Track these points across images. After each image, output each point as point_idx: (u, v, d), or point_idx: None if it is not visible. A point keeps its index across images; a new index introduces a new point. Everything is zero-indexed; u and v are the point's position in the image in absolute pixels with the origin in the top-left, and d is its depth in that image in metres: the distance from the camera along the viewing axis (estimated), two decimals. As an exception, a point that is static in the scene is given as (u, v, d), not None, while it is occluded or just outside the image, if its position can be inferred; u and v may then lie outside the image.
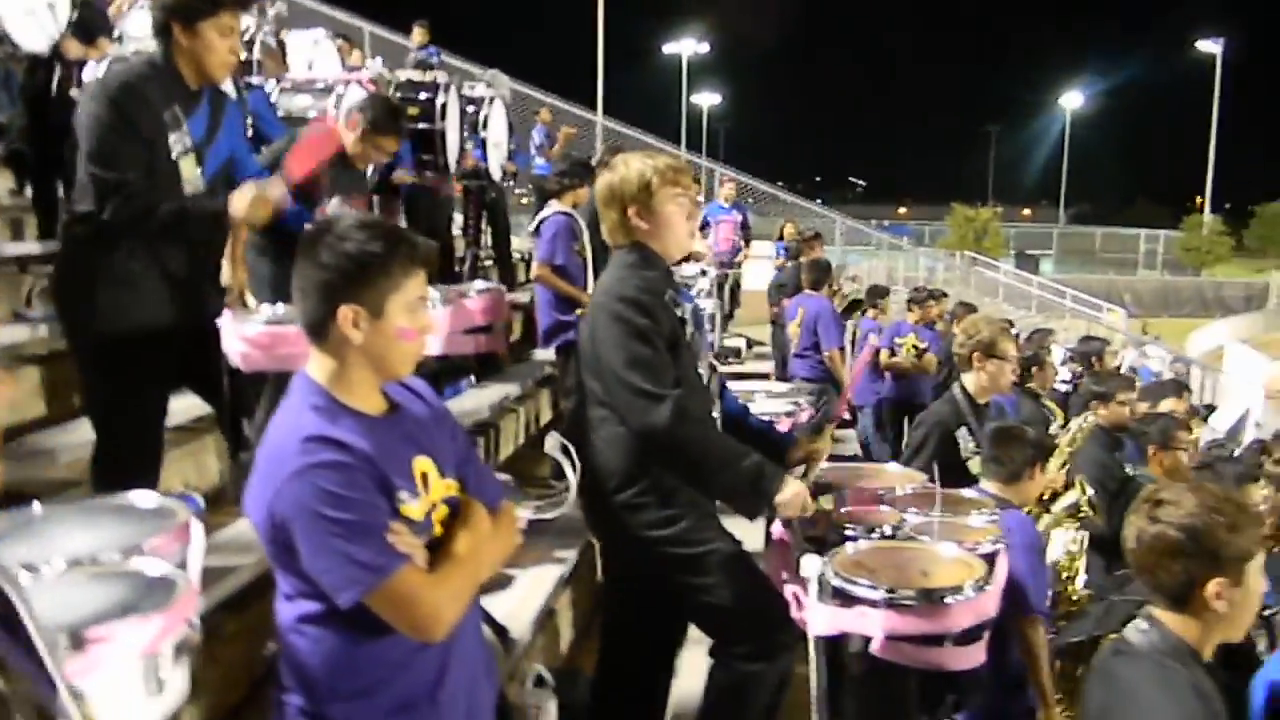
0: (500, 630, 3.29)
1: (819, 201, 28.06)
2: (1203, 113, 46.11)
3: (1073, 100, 61.80)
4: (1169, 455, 4.97)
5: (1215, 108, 44.65)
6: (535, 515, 3.24)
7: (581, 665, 3.72)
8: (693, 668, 3.22)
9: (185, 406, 3.55)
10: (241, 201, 2.94)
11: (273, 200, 3.02)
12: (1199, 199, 48.55)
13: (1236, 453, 6.72)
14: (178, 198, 2.94)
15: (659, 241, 2.87)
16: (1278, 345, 24.86)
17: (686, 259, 4.83)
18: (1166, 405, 6.53)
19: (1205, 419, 7.46)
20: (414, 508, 1.81)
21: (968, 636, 2.48)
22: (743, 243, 11.10)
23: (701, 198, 9.16)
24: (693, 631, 3.09)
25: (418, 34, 11.54)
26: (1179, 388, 6.96)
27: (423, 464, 1.88)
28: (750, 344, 11.30)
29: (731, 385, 3.64)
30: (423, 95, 6.79)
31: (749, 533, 3.28)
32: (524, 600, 3.74)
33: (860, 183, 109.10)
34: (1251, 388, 14.05)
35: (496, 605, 3.55)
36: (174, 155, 2.92)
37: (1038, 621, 3.25)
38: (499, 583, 3.75)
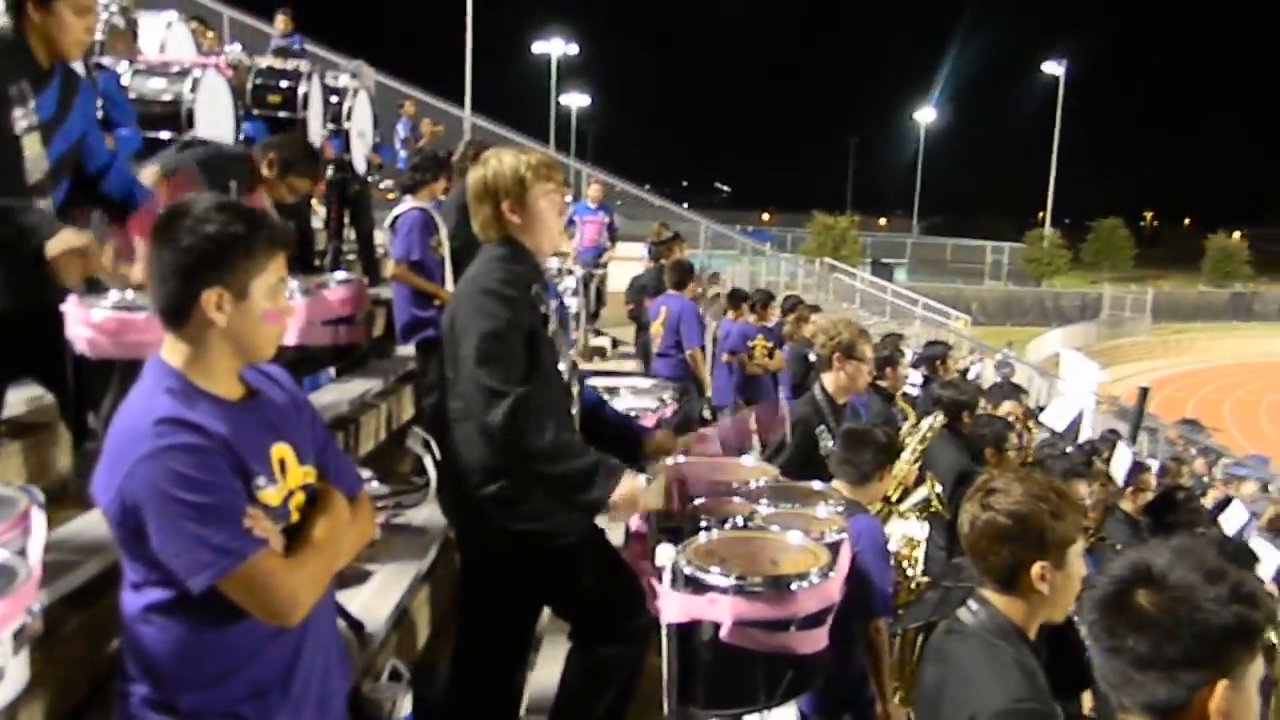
0: (355, 624, 3.26)
1: (685, 206, 28.45)
2: (1046, 131, 48.71)
3: (927, 115, 64.37)
4: (1001, 456, 5.26)
5: (1057, 127, 47.19)
6: (395, 507, 3.22)
7: (439, 661, 3.72)
8: (550, 656, 3.26)
9: (26, 396, 3.41)
10: (58, 247, 2.69)
11: (90, 269, 2.78)
12: (1041, 213, 51.22)
13: (1068, 450, 7.15)
14: (13, 179, 2.81)
15: (530, 236, 2.90)
16: (1109, 353, 26.47)
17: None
18: (1006, 408, 6.93)
19: (1037, 420, 7.94)
20: (271, 493, 1.80)
21: (813, 621, 2.59)
22: (609, 243, 11.20)
23: (569, 198, 9.23)
24: (552, 620, 3.14)
25: (281, 21, 11.25)
26: (1015, 391, 7.36)
27: (281, 450, 1.87)
28: (615, 344, 11.42)
29: (596, 381, 3.70)
30: (284, 83, 6.65)
31: (613, 525, 3.35)
32: (381, 596, 3.71)
33: (725, 189, 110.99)
34: (1085, 393, 14.93)
35: (353, 601, 3.52)
36: (17, 131, 2.80)
37: (881, 626, 3.44)
38: (356, 578, 3.71)
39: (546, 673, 3.25)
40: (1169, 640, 1.53)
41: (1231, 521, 7.62)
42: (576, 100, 55.56)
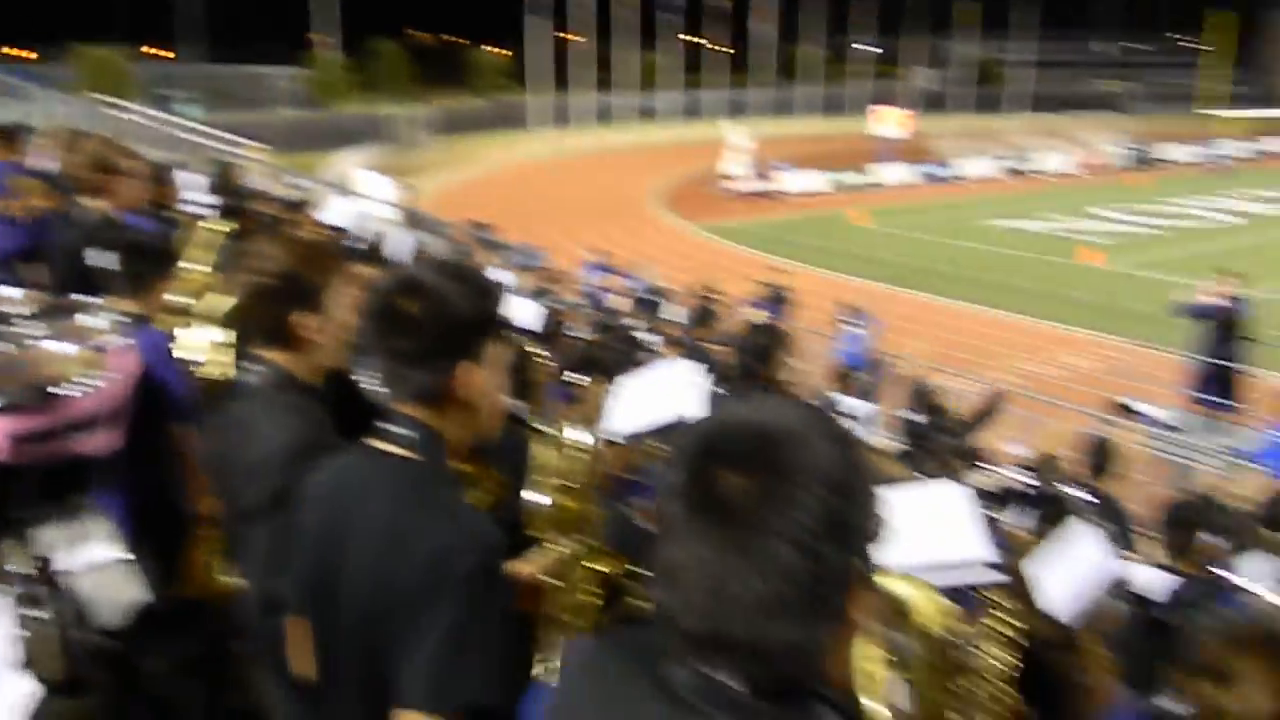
0: None
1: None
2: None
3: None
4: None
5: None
6: None
7: None
8: None
9: None
10: None
11: None
12: (318, 35, 50.80)
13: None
14: None
15: None
16: (400, 170, 27.86)
17: None
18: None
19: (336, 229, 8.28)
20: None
21: (92, 423, 2.56)
22: None
23: None
24: None
25: None
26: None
27: None
28: None
29: None
30: None
31: None
32: None
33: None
34: (381, 206, 15.74)
35: None
36: None
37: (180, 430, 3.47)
38: None
39: None
40: (427, 336, 1.79)
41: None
42: None
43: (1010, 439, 10.46)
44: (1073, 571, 2.28)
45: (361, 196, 15.17)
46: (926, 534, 1.63)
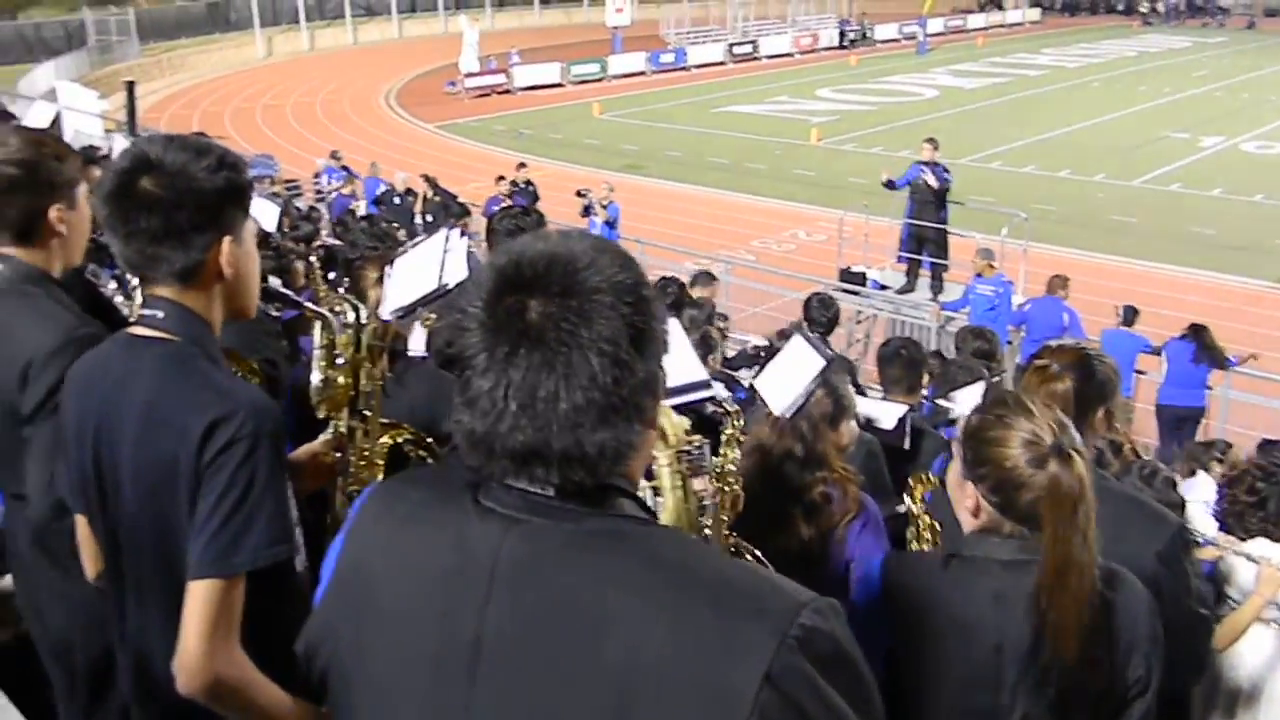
0: None
1: None
2: None
3: None
4: None
5: None
6: None
7: None
8: None
9: None
10: None
11: None
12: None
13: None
14: None
15: None
16: (105, 81, 25.46)
17: None
18: None
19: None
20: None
21: None
22: None
23: None
24: None
25: None
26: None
27: None
28: None
29: None
30: None
31: None
32: None
33: None
34: (89, 119, 14.45)
35: None
36: None
37: None
38: None
39: None
40: (176, 211, 1.74)
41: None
42: None
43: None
44: (789, 374, 2.58)
45: (74, 110, 13.88)
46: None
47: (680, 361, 1.83)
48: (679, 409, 1.83)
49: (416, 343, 2.76)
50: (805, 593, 1.07)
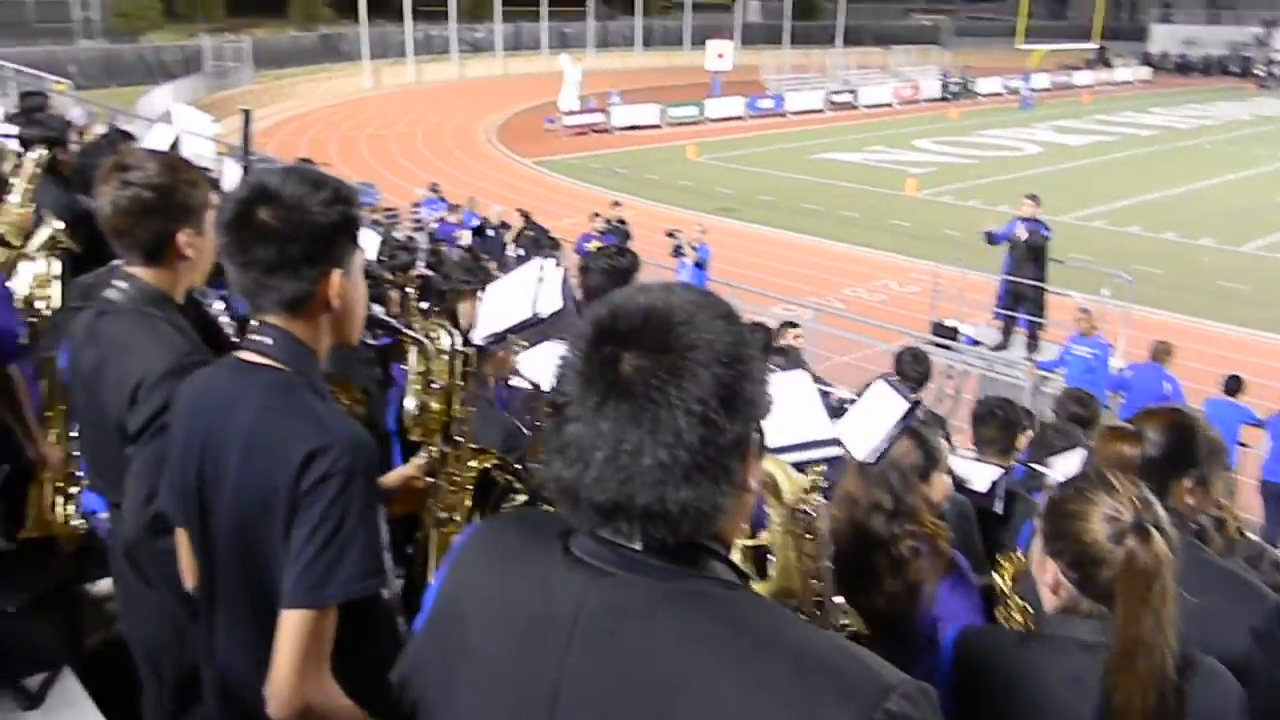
0: None
1: None
2: None
3: None
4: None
5: None
6: None
7: None
8: None
9: None
10: None
11: None
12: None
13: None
14: None
15: None
16: (219, 105, 26.46)
17: None
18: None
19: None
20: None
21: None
22: None
23: None
24: None
25: None
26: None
27: None
28: None
29: None
30: None
31: None
32: None
33: None
34: (202, 140, 15.01)
35: None
36: None
37: (14, 371, 3.36)
38: None
39: None
40: (290, 244, 1.78)
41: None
42: None
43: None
44: (872, 419, 2.52)
45: (189, 133, 14.45)
46: (781, 418, 1.80)
47: (805, 417, 1.80)
48: (798, 466, 1.79)
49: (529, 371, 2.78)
50: (895, 674, 1.04)
